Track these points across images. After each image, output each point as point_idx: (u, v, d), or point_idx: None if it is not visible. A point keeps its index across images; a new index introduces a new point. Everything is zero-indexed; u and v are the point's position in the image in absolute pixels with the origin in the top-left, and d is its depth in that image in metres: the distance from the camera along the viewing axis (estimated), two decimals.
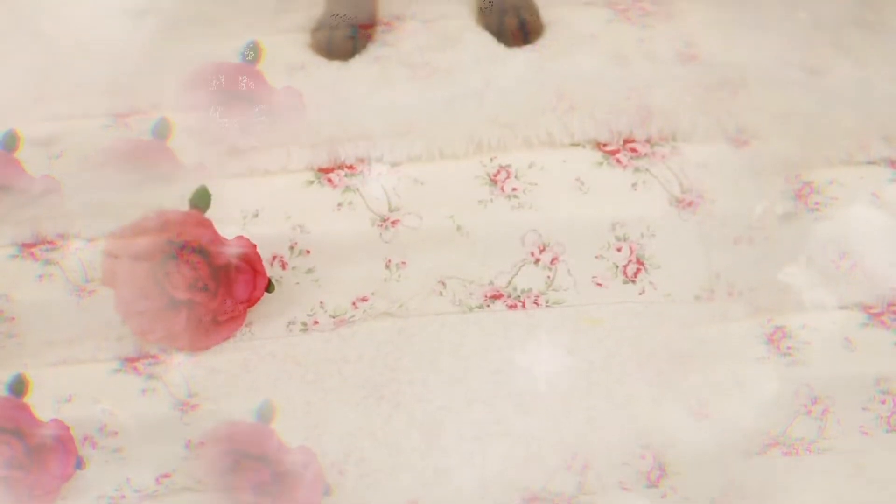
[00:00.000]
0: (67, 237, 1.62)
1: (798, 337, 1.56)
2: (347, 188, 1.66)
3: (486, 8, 1.71)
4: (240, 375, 1.54)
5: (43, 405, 1.51)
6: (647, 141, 1.69)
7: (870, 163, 1.66)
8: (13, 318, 1.57)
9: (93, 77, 1.71)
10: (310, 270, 1.60)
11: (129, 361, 1.55)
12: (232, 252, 1.55)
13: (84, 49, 1.73)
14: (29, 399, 1.52)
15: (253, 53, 1.70)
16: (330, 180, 1.66)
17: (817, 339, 1.56)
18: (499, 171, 1.66)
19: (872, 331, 1.57)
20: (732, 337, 1.56)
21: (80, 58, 1.72)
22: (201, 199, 1.57)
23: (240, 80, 1.67)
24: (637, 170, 1.67)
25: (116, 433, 1.49)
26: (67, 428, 1.49)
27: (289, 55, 1.73)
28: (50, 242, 1.62)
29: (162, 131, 1.67)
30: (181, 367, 1.54)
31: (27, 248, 1.62)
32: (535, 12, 1.75)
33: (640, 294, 1.59)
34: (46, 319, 1.57)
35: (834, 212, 1.61)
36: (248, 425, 1.49)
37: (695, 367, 1.54)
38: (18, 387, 1.52)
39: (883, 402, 1.52)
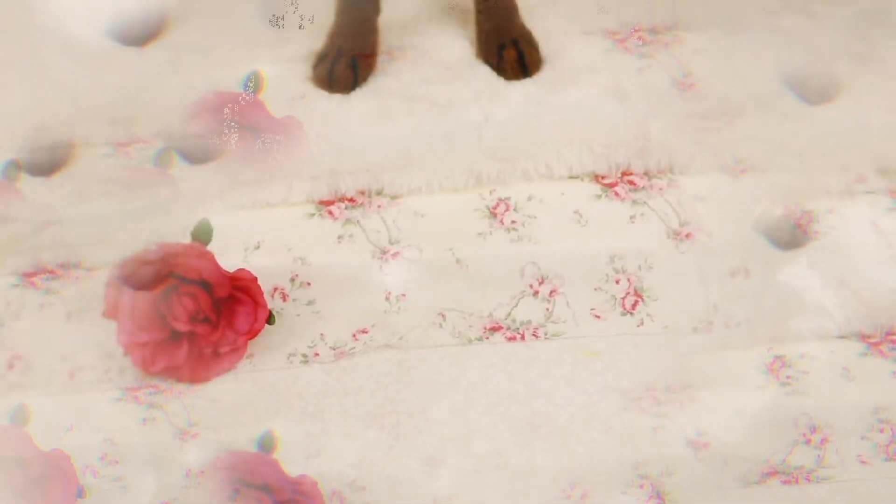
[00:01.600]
0: (68, 267, 1.63)
1: (797, 366, 1.57)
2: (348, 220, 1.67)
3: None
4: (241, 405, 1.54)
5: (44, 434, 1.51)
6: (645, 174, 1.70)
7: (868, 192, 1.68)
8: (14, 348, 1.58)
9: (94, 106, 1.73)
10: (310, 302, 1.61)
11: (130, 391, 1.55)
12: (233, 284, 1.56)
13: (85, 78, 1.75)
14: (30, 428, 1.52)
15: (254, 83, 1.72)
16: (331, 213, 1.67)
17: (816, 368, 1.57)
18: (498, 204, 1.68)
19: (871, 360, 1.57)
20: (731, 366, 1.57)
21: (81, 87, 1.74)
22: (203, 232, 1.58)
23: (241, 110, 1.69)
24: (635, 202, 1.68)
25: (117, 462, 1.49)
26: (68, 457, 1.49)
27: (290, 86, 1.75)
28: (51, 272, 1.63)
29: (164, 161, 1.68)
30: (182, 397, 1.54)
31: (28, 277, 1.62)
32: (534, 46, 1.77)
33: (639, 326, 1.59)
34: (47, 349, 1.58)
35: (833, 241, 1.62)
36: (250, 455, 1.49)
37: (693, 396, 1.55)
38: (20, 416, 1.52)
39: (882, 432, 1.52)
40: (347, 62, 1.73)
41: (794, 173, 1.69)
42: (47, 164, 1.70)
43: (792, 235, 1.66)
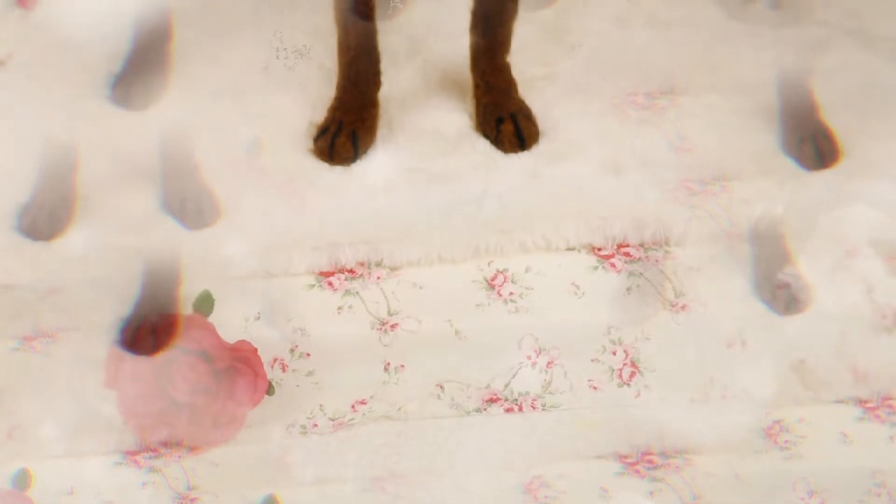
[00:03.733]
0: (69, 330, 1.64)
1: (795, 431, 1.58)
2: (348, 292, 1.68)
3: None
4: (240, 470, 1.55)
5: (45, 498, 1.52)
6: (641, 245, 1.72)
7: (864, 261, 1.69)
8: (15, 412, 1.58)
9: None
10: (310, 373, 1.62)
11: (130, 454, 1.56)
12: (233, 355, 1.57)
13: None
14: (32, 492, 1.52)
15: (255, 147, 1.74)
16: (330, 284, 1.69)
17: (814, 432, 1.58)
18: (496, 276, 1.69)
19: (868, 425, 1.59)
20: (729, 432, 1.58)
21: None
22: (204, 303, 1.60)
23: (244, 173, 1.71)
24: (631, 274, 1.69)
25: None
26: None
27: (291, 159, 1.78)
28: (51, 336, 1.64)
29: None
30: (182, 461, 1.55)
31: (28, 341, 1.63)
32: (531, 119, 1.79)
33: (636, 397, 1.61)
34: (49, 413, 1.58)
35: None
36: None
37: (689, 460, 1.56)
38: (21, 481, 1.53)
39: (878, 496, 1.53)
40: (348, 135, 1.75)
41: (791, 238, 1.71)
42: (47, 228, 1.72)
43: (789, 301, 1.68)
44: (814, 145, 1.78)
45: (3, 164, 1.76)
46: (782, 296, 1.67)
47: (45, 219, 1.72)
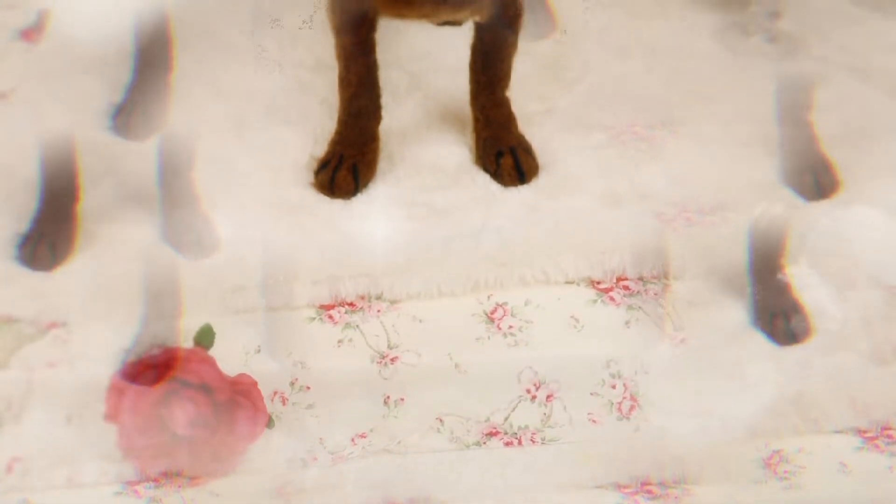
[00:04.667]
0: (69, 363, 1.64)
1: (794, 461, 1.58)
2: (348, 325, 1.69)
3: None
4: (240, 501, 1.55)
5: None
6: (640, 278, 1.72)
7: (863, 293, 1.70)
8: (15, 443, 1.58)
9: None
10: (310, 406, 1.62)
11: (131, 485, 1.56)
12: (234, 389, 1.57)
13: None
14: None
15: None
16: (331, 317, 1.69)
17: (813, 462, 1.58)
18: (495, 309, 1.70)
19: (867, 454, 1.59)
20: (728, 461, 1.58)
21: None
22: (205, 337, 1.60)
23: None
24: (630, 307, 1.70)
25: None
26: None
27: (292, 192, 1.78)
28: (52, 366, 1.63)
29: None
30: (182, 491, 1.55)
31: (29, 371, 1.63)
32: (530, 153, 1.80)
33: (635, 431, 1.61)
34: (49, 444, 1.58)
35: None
36: None
37: (688, 490, 1.56)
38: None
39: None
40: (349, 169, 1.76)
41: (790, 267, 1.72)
42: (48, 258, 1.73)
43: (788, 331, 1.68)
44: (813, 176, 1.79)
45: (4, 194, 1.77)
46: (781, 326, 1.68)
47: (45, 249, 1.72)
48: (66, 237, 1.72)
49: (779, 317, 1.68)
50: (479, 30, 1.74)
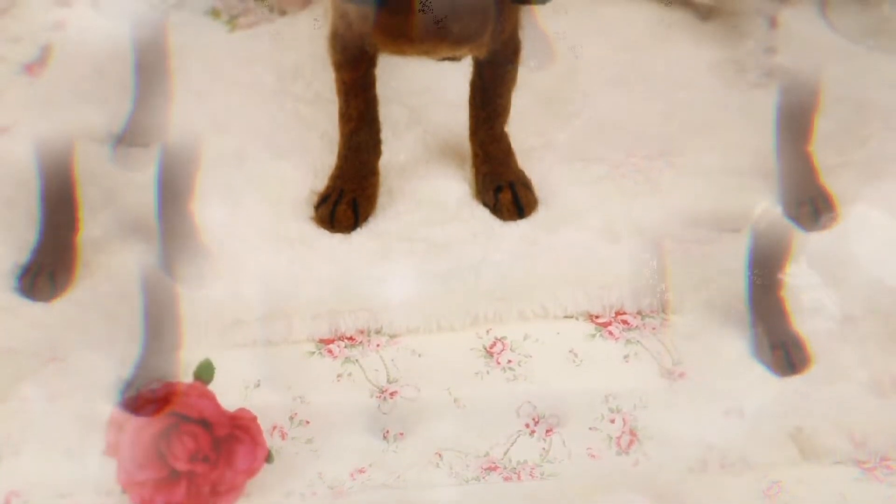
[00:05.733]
0: (68, 394, 1.64)
1: (794, 492, 1.58)
2: (347, 359, 1.69)
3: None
4: None
5: None
6: (638, 313, 1.73)
7: (860, 335, 1.70)
8: (13, 477, 1.58)
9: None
10: (309, 440, 1.62)
11: None
12: (233, 423, 1.57)
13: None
14: None
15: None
16: (330, 351, 1.69)
17: (812, 494, 1.58)
18: (494, 343, 1.70)
19: (866, 485, 1.59)
20: (727, 493, 1.58)
21: None
22: (205, 372, 1.60)
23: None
24: (629, 342, 1.70)
25: None
26: None
27: (293, 226, 1.79)
28: (52, 399, 1.63)
29: None
30: None
31: (27, 403, 1.63)
32: (529, 188, 1.81)
33: (634, 466, 1.61)
34: (48, 477, 1.58)
35: (825, 373, 1.63)
36: None
37: None
38: None
39: None
40: (349, 203, 1.77)
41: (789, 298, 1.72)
42: (48, 289, 1.73)
43: (787, 362, 1.69)
44: (812, 207, 1.80)
45: (5, 225, 1.78)
46: (781, 356, 1.68)
47: (45, 280, 1.73)
48: (65, 268, 1.73)
49: (778, 348, 1.68)
50: (479, 65, 1.76)
